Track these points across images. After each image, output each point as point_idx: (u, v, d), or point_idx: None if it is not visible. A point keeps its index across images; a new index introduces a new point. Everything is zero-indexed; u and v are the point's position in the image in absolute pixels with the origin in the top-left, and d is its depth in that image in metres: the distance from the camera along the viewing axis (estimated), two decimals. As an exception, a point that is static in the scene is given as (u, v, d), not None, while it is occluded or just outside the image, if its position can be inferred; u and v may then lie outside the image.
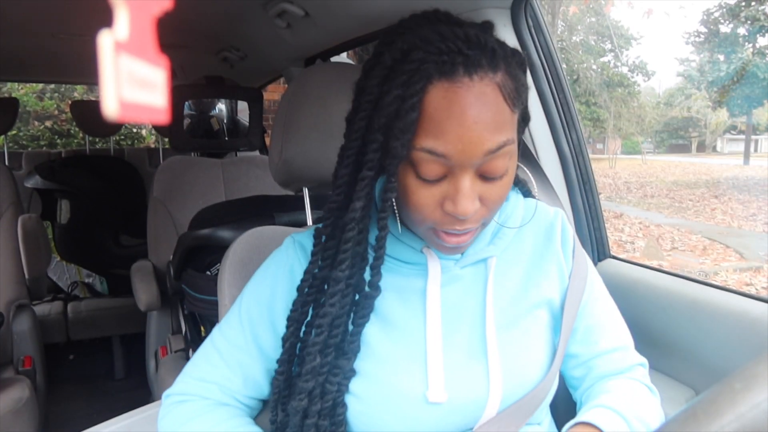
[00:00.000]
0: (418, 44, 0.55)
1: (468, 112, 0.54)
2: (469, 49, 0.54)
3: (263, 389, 0.72)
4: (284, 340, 0.66)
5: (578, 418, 0.66)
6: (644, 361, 0.77)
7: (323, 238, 0.63)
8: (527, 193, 0.79)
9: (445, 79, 0.54)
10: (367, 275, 0.64)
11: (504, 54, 0.57)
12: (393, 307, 0.67)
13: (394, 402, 0.64)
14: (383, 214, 0.59)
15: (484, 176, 0.58)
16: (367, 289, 0.63)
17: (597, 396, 0.71)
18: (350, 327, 0.64)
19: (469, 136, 0.54)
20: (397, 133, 0.54)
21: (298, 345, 0.66)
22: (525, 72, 0.61)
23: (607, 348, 0.74)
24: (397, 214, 0.65)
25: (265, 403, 0.76)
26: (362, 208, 0.59)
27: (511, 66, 0.57)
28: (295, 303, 0.66)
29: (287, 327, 0.66)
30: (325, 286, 0.63)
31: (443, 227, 0.59)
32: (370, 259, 0.62)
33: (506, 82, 0.56)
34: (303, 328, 0.66)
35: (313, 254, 0.64)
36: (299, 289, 0.65)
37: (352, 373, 0.64)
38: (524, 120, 0.63)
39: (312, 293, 0.65)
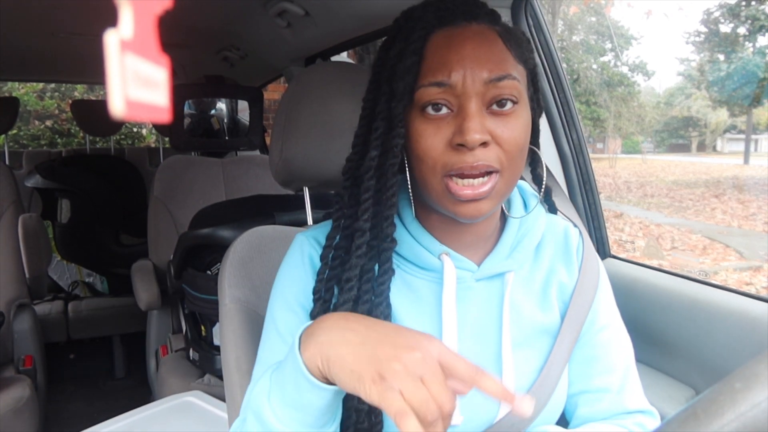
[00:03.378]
0: (418, 6, 0.61)
1: (468, 44, 0.57)
2: (466, 5, 0.60)
3: None
4: (312, 316, 0.62)
5: None
6: (649, 408, 0.70)
7: (344, 201, 0.63)
8: (552, 208, 0.75)
9: (445, 26, 0.59)
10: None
11: (505, 23, 0.62)
12: (407, 315, 0.65)
13: None
14: (393, 160, 0.59)
15: (491, 108, 0.58)
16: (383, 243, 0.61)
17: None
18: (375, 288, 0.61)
19: (471, 63, 0.57)
20: (401, 74, 0.58)
21: None
22: (528, 43, 0.63)
23: (600, 387, 0.69)
24: (412, 202, 0.65)
25: None
26: (378, 156, 0.60)
27: (510, 31, 0.61)
28: (319, 273, 0.63)
29: (314, 301, 0.63)
30: (351, 245, 0.61)
31: (455, 167, 0.57)
32: (385, 210, 0.61)
33: (505, 35, 0.60)
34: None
35: (334, 220, 0.63)
36: (323, 257, 0.63)
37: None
38: (533, 83, 0.64)
39: (337, 261, 0.62)
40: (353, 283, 0.60)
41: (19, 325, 1.83)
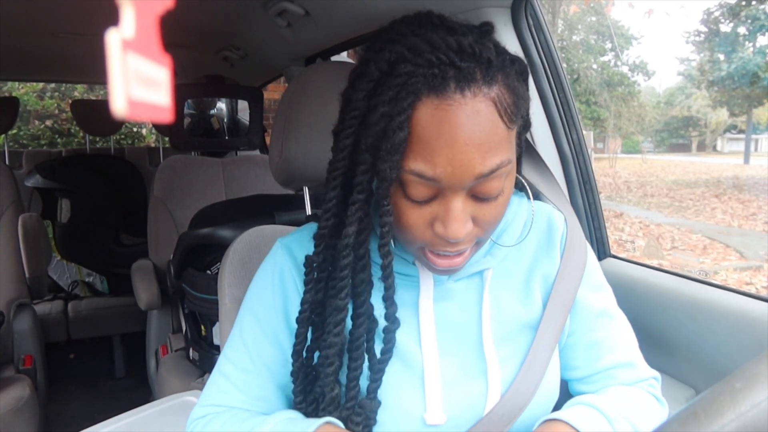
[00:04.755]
0: (406, 55, 0.50)
1: (459, 133, 0.50)
2: (461, 60, 0.50)
3: (276, 407, 0.69)
4: (294, 374, 0.64)
5: (554, 414, 0.62)
6: (656, 374, 0.73)
7: (315, 265, 0.60)
8: (534, 195, 0.73)
9: (435, 95, 0.50)
10: (374, 300, 0.61)
11: (502, 64, 0.53)
12: None
13: (392, 423, 0.62)
14: (383, 241, 0.55)
15: (477, 197, 0.54)
16: (385, 322, 0.61)
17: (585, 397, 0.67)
18: (367, 364, 0.61)
19: (460, 158, 0.50)
20: (385, 154, 0.51)
21: (310, 373, 0.64)
22: (527, 81, 0.57)
23: (611, 364, 0.70)
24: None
25: None
26: (356, 233, 0.56)
27: (509, 77, 0.53)
28: (298, 334, 0.62)
29: (294, 360, 0.63)
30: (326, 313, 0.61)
31: (434, 248, 0.56)
32: (382, 290, 0.59)
33: (503, 97, 0.52)
34: (305, 354, 0.63)
35: (306, 283, 0.61)
36: (299, 320, 0.62)
37: (378, 404, 0.62)
38: (525, 128, 0.60)
39: (311, 320, 0.62)
40: (332, 359, 0.60)
41: (19, 325, 1.83)
